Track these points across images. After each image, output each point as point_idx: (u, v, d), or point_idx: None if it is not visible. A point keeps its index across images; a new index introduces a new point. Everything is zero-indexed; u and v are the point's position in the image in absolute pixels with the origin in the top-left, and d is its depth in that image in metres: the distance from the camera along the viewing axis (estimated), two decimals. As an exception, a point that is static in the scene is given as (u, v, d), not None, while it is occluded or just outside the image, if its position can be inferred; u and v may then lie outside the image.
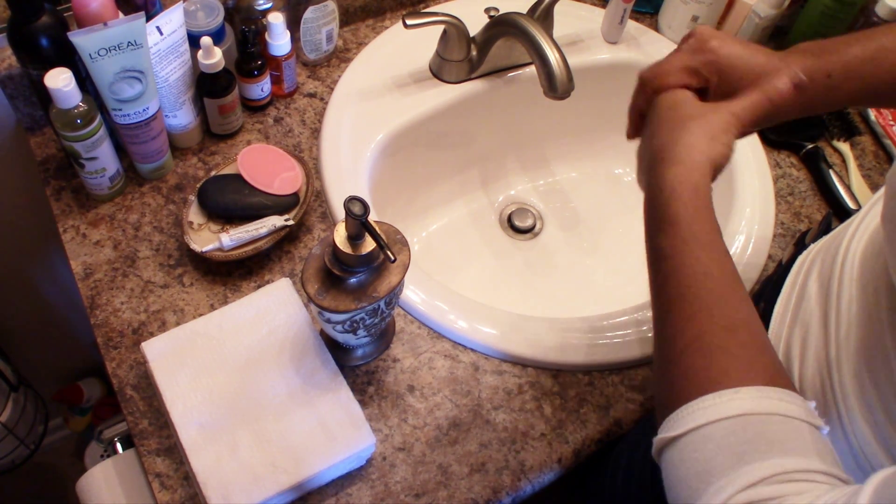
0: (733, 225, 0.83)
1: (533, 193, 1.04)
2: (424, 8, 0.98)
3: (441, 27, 0.84)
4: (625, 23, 0.94)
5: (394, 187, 0.90)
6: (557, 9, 0.87)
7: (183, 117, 0.79)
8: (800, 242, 0.75)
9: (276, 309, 0.69)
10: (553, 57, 0.76)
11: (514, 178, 1.04)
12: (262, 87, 0.84)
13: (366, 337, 0.66)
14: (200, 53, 0.75)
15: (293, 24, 0.85)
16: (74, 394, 1.33)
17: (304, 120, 0.87)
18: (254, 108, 0.86)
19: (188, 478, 0.65)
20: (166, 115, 0.78)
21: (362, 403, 0.69)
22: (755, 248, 0.81)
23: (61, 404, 1.35)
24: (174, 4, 0.72)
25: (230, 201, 0.74)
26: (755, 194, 0.85)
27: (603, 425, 0.70)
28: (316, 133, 0.86)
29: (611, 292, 0.88)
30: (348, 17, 0.94)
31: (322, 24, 0.86)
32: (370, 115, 0.86)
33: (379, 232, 0.56)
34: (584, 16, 0.98)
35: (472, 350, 0.73)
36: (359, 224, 0.55)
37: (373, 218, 0.58)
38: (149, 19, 0.69)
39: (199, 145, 0.84)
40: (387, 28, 0.95)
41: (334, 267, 0.58)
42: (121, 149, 0.78)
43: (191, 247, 0.72)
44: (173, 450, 0.66)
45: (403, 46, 0.92)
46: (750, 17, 0.93)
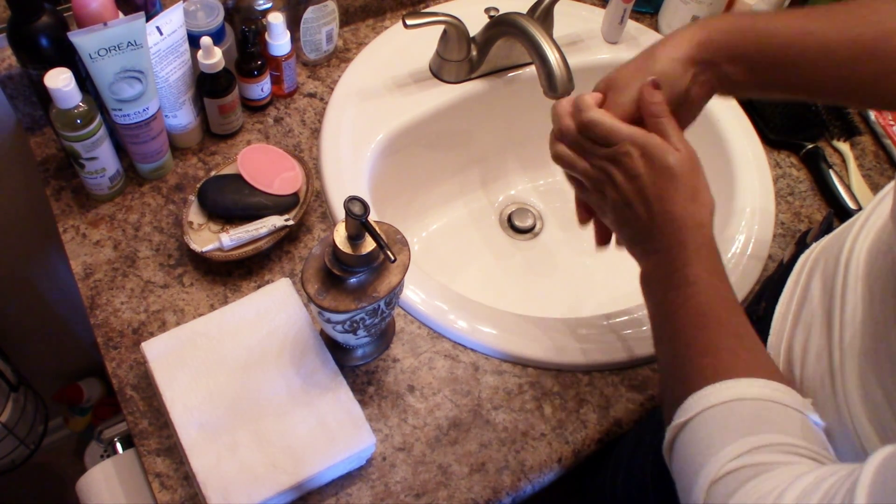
0: (733, 225, 0.83)
1: (533, 193, 1.04)
2: (424, 8, 0.98)
3: (441, 27, 0.84)
4: (625, 23, 0.94)
5: (394, 187, 0.90)
6: (557, 9, 0.87)
7: (183, 117, 0.79)
8: (801, 242, 0.75)
9: (276, 309, 0.69)
10: (553, 57, 0.76)
11: (514, 178, 1.04)
12: (262, 87, 0.84)
13: (366, 337, 0.66)
14: (200, 53, 0.75)
15: (293, 24, 0.85)
16: (74, 394, 1.33)
17: (304, 120, 0.87)
18: (254, 108, 0.86)
19: (188, 478, 0.65)
20: (166, 115, 0.78)
21: (362, 403, 0.69)
22: (755, 248, 0.81)
23: (61, 404, 1.35)
24: (174, 4, 0.72)
25: (230, 201, 0.74)
26: (755, 194, 0.85)
27: (603, 425, 0.70)
28: (316, 133, 0.86)
29: (611, 292, 0.88)
30: (348, 17, 0.94)
31: (322, 24, 0.86)
32: (370, 115, 0.86)
33: (379, 232, 0.56)
34: (584, 16, 0.98)
35: (472, 350, 0.73)
36: (359, 224, 0.55)
37: (373, 218, 0.58)
38: (149, 19, 0.69)
39: (199, 145, 0.84)
40: (387, 28, 0.95)
41: (334, 267, 0.58)
42: (121, 149, 0.78)
43: (191, 247, 0.72)
44: (173, 450, 0.66)
45: (403, 46, 0.92)
46: (750, 17, 0.93)
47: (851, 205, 0.86)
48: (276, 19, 0.79)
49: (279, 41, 0.81)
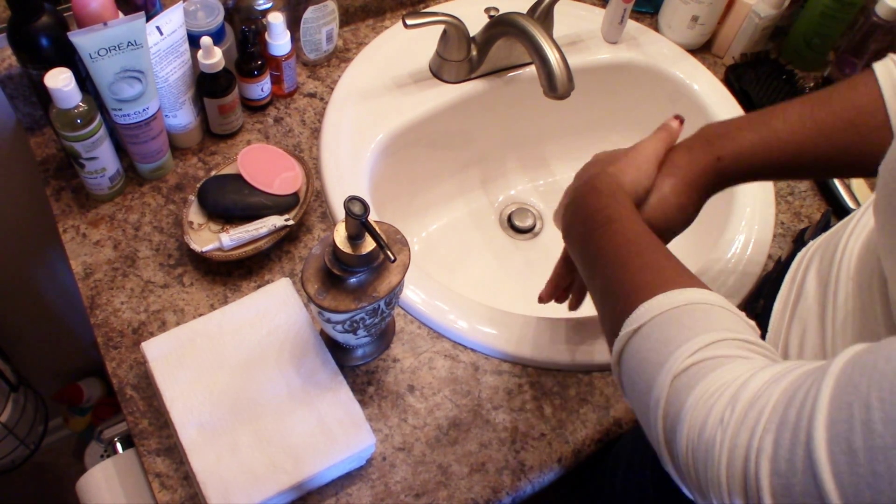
0: (733, 225, 0.83)
1: (533, 193, 1.04)
2: (424, 8, 0.98)
3: (441, 27, 0.84)
4: (625, 23, 0.94)
5: (394, 187, 0.90)
6: (557, 9, 0.87)
7: (183, 117, 0.79)
8: (799, 240, 0.75)
9: (276, 309, 0.69)
10: (553, 57, 0.76)
11: (514, 178, 1.04)
12: (262, 87, 0.84)
13: (366, 337, 0.66)
14: (200, 53, 0.75)
15: (293, 24, 0.85)
16: (74, 394, 1.33)
17: (304, 120, 0.87)
18: (254, 108, 0.86)
19: (188, 478, 0.65)
20: (166, 115, 0.78)
21: (362, 403, 0.69)
22: (755, 248, 0.81)
23: (61, 404, 1.35)
24: (174, 4, 0.72)
25: (230, 201, 0.74)
26: (755, 194, 0.85)
27: (603, 425, 0.70)
28: (316, 133, 0.86)
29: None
30: (348, 17, 0.94)
31: (322, 24, 0.86)
32: (370, 115, 0.86)
33: (379, 232, 0.56)
34: (584, 16, 0.98)
35: (472, 350, 0.73)
36: (359, 224, 0.55)
37: (373, 218, 0.58)
38: (149, 19, 0.69)
39: (199, 145, 0.84)
40: (387, 28, 0.95)
41: (334, 267, 0.58)
42: (121, 149, 0.78)
43: (191, 247, 0.72)
44: (173, 450, 0.66)
45: (403, 46, 0.92)
46: (750, 17, 0.93)
47: (851, 204, 0.86)
48: (276, 19, 0.79)
49: (279, 41, 0.81)
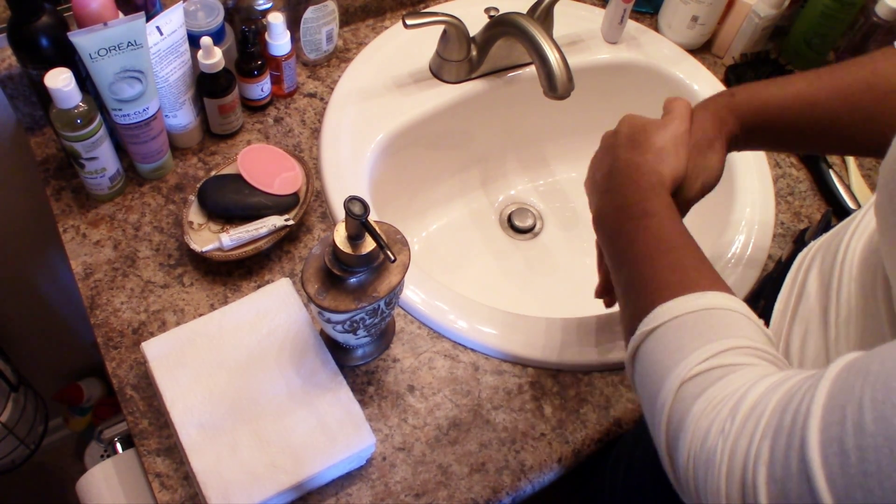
0: (733, 225, 0.83)
1: (533, 193, 1.04)
2: (424, 8, 0.98)
3: (441, 27, 0.84)
4: (625, 23, 0.94)
5: (394, 187, 0.90)
6: (557, 9, 0.87)
7: (183, 117, 0.79)
8: (799, 240, 0.75)
9: (276, 309, 0.69)
10: (553, 57, 0.76)
11: (514, 178, 1.04)
12: (262, 87, 0.84)
13: (366, 337, 0.66)
14: (200, 53, 0.75)
15: (293, 24, 0.85)
16: (74, 394, 1.33)
17: (304, 120, 0.87)
18: (254, 108, 0.86)
19: (188, 478, 0.65)
20: (166, 115, 0.78)
21: (362, 403, 0.69)
22: (755, 248, 0.81)
23: (61, 404, 1.35)
24: (174, 4, 0.72)
25: (230, 201, 0.74)
26: (755, 194, 0.85)
27: (603, 425, 0.70)
28: (316, 133, 0.86)
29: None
30: (348, 17, 0.94)
31: (322, 24, 0.86)
32: (370, 115, 0.86)
33: (379, 232, 0.56)
34: (584, 16, 0.98)
35: (472, 350, 0.73)
36: (359, 224, 0.55)
37: (373, 218, 0.58)
38: (149, 19, 0.69)
39: (199, 145, 0.84)
40: (387, 28, 0.95)
41: (334, 267, 0.58)
42: (121, 149, 0.78)
43: (191, 247, 0.72)
44: (173, 450, 0.66)
45: (403, 46, 0.92)
46: (750, 17, 0.93)
47: (851, 204, 0.86)
48: (276, 19, 0.79)
49: (279, 41, 0.81)
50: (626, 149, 0.59)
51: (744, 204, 0.84)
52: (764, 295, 0.67)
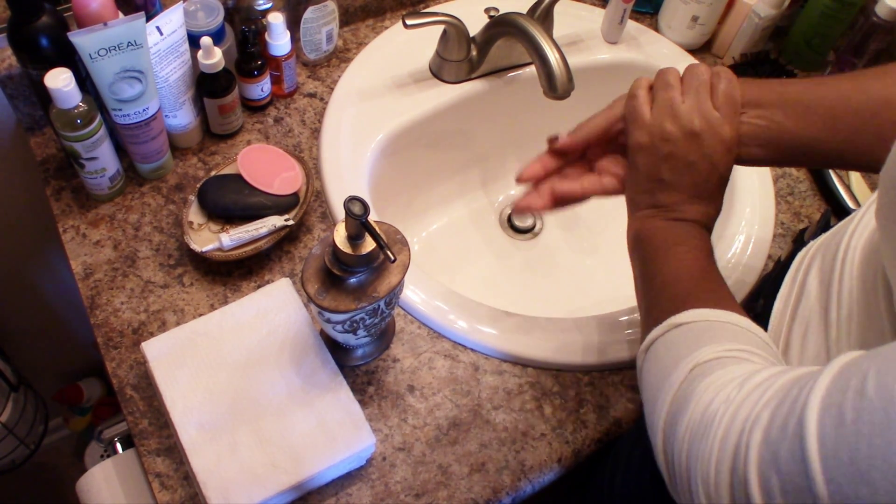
0: (733, 225, 0.83)
1: (533, 193, 1.03)
2: (424, 8, 0.98)
3: (441, 27, 0.84)
4: (625, 23, 0.94)
5: (394, 187, 0.90)
6: (557, 9, 0.87)
7: (183, 117, 0.79)
8: (798, 240, 0.75)
9: (276, 309, 0.69)
10: (553, 57, 0.76)
11: (513, 178, 1.03)
12: (262, 87, 0.84)
13: (366, 337, 0.66)
14: (200, 53, 0.75)
15: (293, 24, 0.85)
16: (74, 394, 1.33)
17: (304, 120, 0.87)
18: (254, 108, 0.86)
19: (188, 478, 0.65)
20: (166, 115, 0.78)
21: (362, 403, 0.69)
22: (755, 248, 0.81)
23: (61, 404, 1.35)
24: (174, 4, 0.72)
25: (230, 201, 0.74)
26: (755, 194, 0.85)
27: (603, 425, 0.70)
28: (316, 133, 0.86)
29: (611, 292, 0.88)
30: (348, 17, 0.94)
31: (322, 24, 0.86)
32: (370, 115, 0.86)
33: (379, 232, 0.56)
34: (584, 16, 0.98)
35: (472, 350, 0.73)
36: (359, 224, 0.55)
37: (373, 218, 0.58)
38: (149, 19, 0.69)
39: (199, 145, 0.84)
40: (387, 28, 0.95)
41: (334, 267, 0.58)
42: (121, 149, 0.78)
43: (191, 247, 0.72)
44: (173, 450, 0.66)
45: (403, 46, 0.92)
46: (750, 17, 0.93)
47: (851, 204, 0.86)
48: (276, 19, 0.79)
49: (279, 41, 0.81)
50: (676, 191, 0.56)
51: (744, 204, 0.84)
52: (763, 294, 0.67)
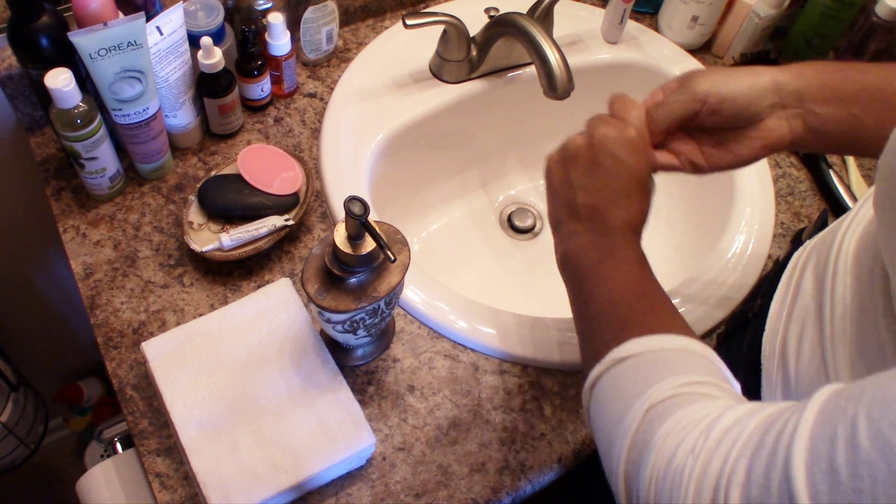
0: (733, 225, 0.83)
1: (533, 193, 1.04)
2: (424, 8, 0.98)
3: (441, 27, 0.84)
4: (625, 23, 0.94)
5: (394, 187, 0.90)
6: (557, 9, 0.87)
7: (183, 117, 0.79)
8: (796, 239, 0.75)
9: (276, 309, 0.69)
10: (553, 57, 0.76)
11: (513, 177, 1.04)
12: (262, 87, 0.84)
13: (366, 337, 0.66)
14: (200, 53, 0.75)
15: (293, 24, 0.85)
16: (74, 394, 1.33)
17: (304, 120, 0.87)
18: (254, 108, 0.86)
19: (188, 478, 0.65)
20: (166, 115, 0.78)
21: (362, 403, 0.69)
22: (755, 248, 0.81)
23: (61, 404, 1.35)
24: (174, 4, 0.72)
25: (230, 201, 0.74)
26: (755, 194, 0.85)
27: (603, 425, 0.70)
28: (316, 133, 0.86)
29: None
30: (348, 17, 0.94)
31: (322, 24, 0.86)
32: (370, 115, 0.86)
33: (379, 232, 0.56)
34: (584, 16, 0.98)
35: (472, 350, 0.73)
36: (359, 224, 0.55)
37: (373, 218, 0.58)
38: (149, 19, 0.69)
39: (199, 145, 0.84)
40: (387, 28, 0.95)
41: (334, 267, 0.58)
42: (121, 149, 0.78)
43: (191, 247, 0.72)
44: (173, 450, 0.66)
45: (403, 46, 0.92)
46: (750, 17, 0.93)
47: (851, 204, 0.86)
48: (276, 19, 0.79)
49: (279, 41, 0.81)
50: (588, 193, 0.55)
51: (744, 204, 0.84)
52: (760, 294, 0.67)
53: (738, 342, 0.66)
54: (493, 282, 0.95)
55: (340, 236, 0.56)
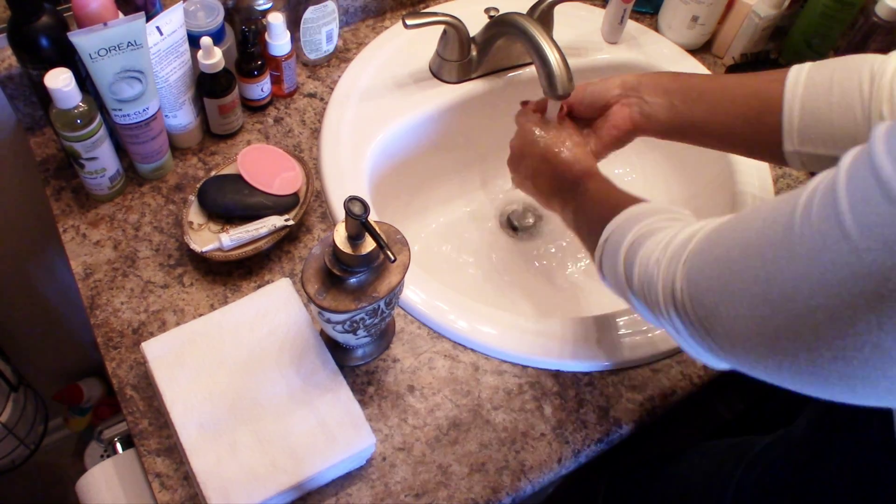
0: (733, 225, 0.83)
1: (533, 193, 1.03)
2: (424, 8, 0.98)
3: (441, 27, 0.84)
4: (625, 23, 0.94)
5: (394, 187, 0.90)
6: (557, 9, 0.87)
7: (183, 117, 0.79)
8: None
9: (276, 309, 0.69)
10: (553, 57, 0.76)
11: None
12: (262, 87, 0.84)
13: (366, 337, 0.66)
14: (200, 53, 0.75)
15: (293, 24, 0.85)
16: (74, 394, 1.33)
17: (304, 120, 0.87)
18: (254, 108, 0.86)
19: (188, 478, 0.65)
20: (166, 115, 0.78)
21: (362, 403, 0.69)
22: (755, 248, 0.81)
23: (61, 404, 1.35)
24: (174, 4, 0.72)
25: (230, 201, 0.74)
26: (755, 194, 0.85)
27: (603, 425, 0.70)
28: (316, 133, 0.86)
29: (610, 293, 0.88)
30: (348, 17, 0.94)
31: (322, 24, 0.86)
32: (370, 115, 0.86)
33: (379, 232, 0.56)
34: (584, 16, 0.98)
35: (472, 350, 0.73)
36: (359, 224, 0.55)
37: (373, 218, 0.58)
38: (149, 19, 0.69)
39: (199, 145, 0.84)
40: (387, 28, 0.95)
41: (334, 267, 0.58)
42: (121, 149, 0.78)
43: (191, 247, 0.72)
44: (173, 450, 0.66)
45: (403, 46, 0.92)
46: (750, 17, 0.93)
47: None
48: (276, 19, 0.79)
49: (279, 41, 0.81)
50: (542, 178, 0.74)
51: (744, 204, 0.84)
52: None
53: None
54: (493, 282, 0.95)
55: (340, 236, 0.56)
